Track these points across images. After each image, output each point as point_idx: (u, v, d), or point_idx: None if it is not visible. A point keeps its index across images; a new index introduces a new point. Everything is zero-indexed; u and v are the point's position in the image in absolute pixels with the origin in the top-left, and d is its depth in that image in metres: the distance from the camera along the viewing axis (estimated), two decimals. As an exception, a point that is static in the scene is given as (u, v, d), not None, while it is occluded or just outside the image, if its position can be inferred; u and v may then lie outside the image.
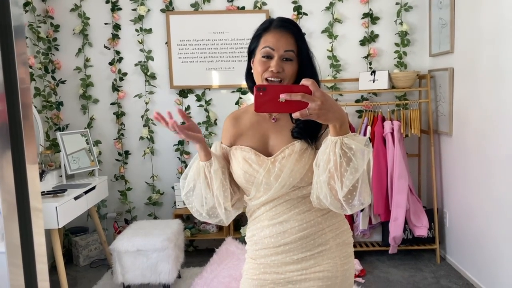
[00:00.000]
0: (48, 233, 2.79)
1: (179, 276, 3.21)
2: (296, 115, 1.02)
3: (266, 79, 1.25)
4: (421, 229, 3.38)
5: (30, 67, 3.36)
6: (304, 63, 1.27)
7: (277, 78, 1.24)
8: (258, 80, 1.28)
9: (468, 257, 3.13)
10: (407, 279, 3.16)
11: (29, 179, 0.65)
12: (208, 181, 1.30)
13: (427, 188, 3.77)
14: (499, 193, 2.69)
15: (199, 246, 3.86)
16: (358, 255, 3.49)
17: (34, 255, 0.66)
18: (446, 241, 3.49)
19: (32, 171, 0.67)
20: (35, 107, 3.32)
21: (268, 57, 1.25)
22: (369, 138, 1.46)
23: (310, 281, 1.28)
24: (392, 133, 3.37)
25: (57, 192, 2.84)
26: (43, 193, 2.82)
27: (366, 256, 3.57)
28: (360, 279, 3.14)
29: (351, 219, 3.49)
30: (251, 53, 1.32)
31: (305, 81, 1.02)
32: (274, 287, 1.30)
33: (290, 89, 1.03)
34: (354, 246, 1.40)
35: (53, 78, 3.68)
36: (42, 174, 2.99)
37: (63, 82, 3.69)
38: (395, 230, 3.31)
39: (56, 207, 2.64)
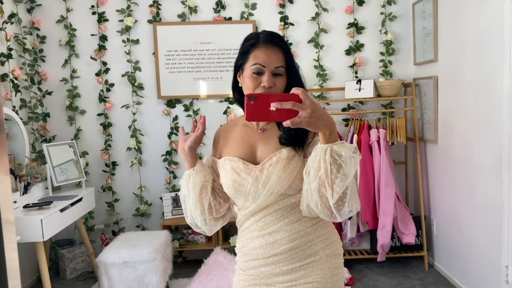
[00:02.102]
0: (33, 246, 2.75)
1: (167, 288, 3.19)
2: (287, 123, 1.03)
3: None
4: (409, 237, 3.40)
5: (16, 78, 3.34)
6: (291, 76, 1.30)
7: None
8: None
9: (456, 263, 3.14)
10: (395, 287, 3.17)
11: (0, 191, 0.65)
12: (189, 190, 1.33)
13: (414, 195, 3.79)
14: (485, 199, 2.72)
15: (188, 257, 3.84)
16: (347, 263, 3.47)
17: (6, 270, 0.65)
18: (434, 248, 3.51)
19: (4, 183, 0.66)
20: (21, 119, 3.29)
21: (259, 73, 1.26)
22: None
23: None
24: (378, 141, 3.40)
25: (42, 204, 2.81)
26: (28, 206, 2.79)
27: (355, 264, 3.58)
28: (349, 288, 3.14)
29: (339, 227, 3.50)
30: (238, 67, 1.33)
31: (295, 90, 1.04)
32: (264, 299, 1.30)
33: (280, 98, 1.05)
34: (343, 254, 1.41)
35: (40, 90, 3.66)
36: (27, 187, 2.96)
37: (49, 93, 3.67)
38: (383, 237, 3.32)
39: (41, 220, 2.61)
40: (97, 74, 3.69)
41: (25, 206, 2.78)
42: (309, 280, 1.27)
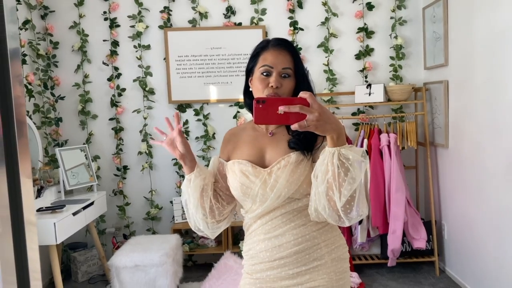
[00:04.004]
0: (46, 249, 2.79)
1: (177, 291, 3.20)
2: (294, 126, 1.04)
3: (267, 96, 1.28)
4: (420, 242, 3.37)
5: (30, 83, 3.39)
6: (300, 80, 1.31)
7: (276, 93, 1.28)
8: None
9: (468, 269, 3.12)
10: (406, 292, 3.15)
11: (23, 193, 0.67)
12: (190, 194, 1.35)
13: (425, 200, 3.77)
14: (497, 204, 2.69)
15: (198, 260, 3.85)
16: (357, 268, 3.48)
17: (28, 271, 0.67)
18: (445, 253, 3.48)
19: (26, 185, 0.68)
20: (34, 123, 3.35)
21: (267, 74, 1.29)
22: (366, 150, 1.50)
23: None
24: (388, 146, 3.39)
25: (55, 208, 2.85)
26: (41, 209, 2.82)
27: (365, 269, 3.56)
28: (359, 293, 3.13)
29: (349, 232, 3.49)
30: (249, 71, 1.36)
31: (303, 94, 1.05)
32: (270, 302, 1.31)
33: (288, 102, 1.06)
34: (353, 259, 1.42)
35: (52, 95, 3.72)
36: (40, 190, 3.00)
37: (62, 98, 3.72)
38: (394, 242, 3.30)
39: (55, 223, 2.64)
40: (109, 79, 3.74)
41: (39, 210, 2.82)
42: (315, 284, 1.27)
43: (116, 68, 3.74)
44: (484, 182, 2.82)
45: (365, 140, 3.46)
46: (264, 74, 1.29)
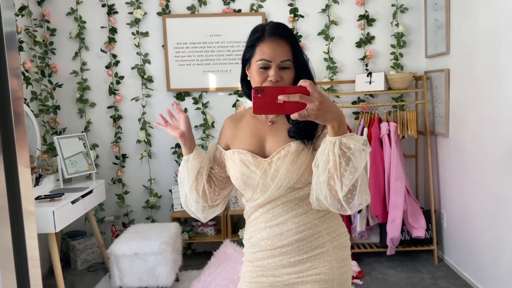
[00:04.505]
0: (46, 237, 2.78)
1: (177, 279, 3.21)
2: (294, 116, 1.02)
3: None
4: (419, 230, 3.38)
5: (27, 71, 3.36)
6: (300, 69, 1.28)
7: None
8: None
9: (466, 257, 3.13)
10: (405, 280, 3.16)
11: (21, 182, 0.66)
12: (185, 175, 1.35)
13: (424, 189, 3.77)
14: (496, 193, 2.69)
15: (197, 249, 3.86)
16: (356, 256, 3.49)
17: (27, 259, 0.66)
18: (444, 242, 3.50)
19: (24, 174, 0.67)
20: (32, 111, 3.32)
21: (266, 67, 1.25)
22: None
23: (306, 284, 1.28)
24: (388, 135, 3.38)
25: (54, 196, 2.84)
26: (40, 198, 2.81)
27: (364, 257, 3.57)
28: (358, 281, 3.14)
29: (348, 220, 3.49)
30: (246, 61, 1.32)
31: (302, 82, 1.03)
32: (271, 290, 1.30)
33: (288, 91, 1.03)
34: (352, 247, 1.42)
35: (50, 82, 3.68)
36: (39, 178, 2.99)
37: (60, 86, 3.69)
38: (393, 231, 3.31)
39: (53, 211, 2.63)
40: (107, 67, 3.70)
41: (37, 198, 2.81)
42: (316, 272, 1.27)
43: (114, 56, 3.70)
44: (484, 172, 2.82)
45: (365, 129, 3.44)
46: (262, 67, 1.25)
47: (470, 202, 3.03)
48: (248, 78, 1.32)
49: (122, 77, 3.72)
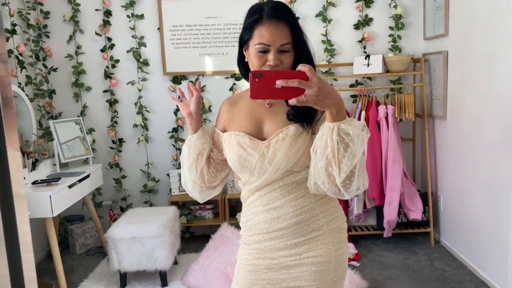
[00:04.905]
0: (43, 221, 2.79)
1: (175, 262, 3.23)
2: (292, 101, 1.01)
3: None
4: (416, 213, 3.40)
5: (21, 54, 3.32)
6: (300, 50, 1.25)
7: None
8: None
9: (462, 239, 3.15)
10: (401, 262, 3.19)
11: (11, 165, 0.64)
12: (186, 154, 1.35)
13: (422, 172, 3.78)
14: (493, 176, 2.70)
15: (196, 232, 3.88)
16: (353, 239, 3.51)
17: (18, 244, 0.65)
18: (440, 224, 3.52)
19: (14, 157, 0.66)
20: (27, 96, 3.29)
21: (265, 51, 1.21)
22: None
23: (303, 266, 1.28)
24: (386, 118, 3.37)
25: (50, 180, 2.83)
26: (36, 182, 2.81)
27: (361, 240, 3.60)
28: (355, 263, 3.17)
29: (345, 203, 3.50)
30: (243, 42, 1.28)
31: (302, 67, 1.01)
32: (268, 272, 1.31)
33: (286, 75, 1.01)
34: (349, 230, 1.42)
35: (45, 66, 3.64)
36: (35, 163, 2.98)
37: (54, 70, 3.65)
38: (390, 214, 3.32)
39: (50, 196, 2.63)
40: (102, 50, 3.66)
41: (34, 183, 2.80)
42: (313, 254, 1.28)
43: (109, 39, 3.66)
44: (481, 154, 2.82)
45: (363, 112, 3.43)
46: (261, 51, 1.21)
47: (467, 184, 3.03)
48: (246, 60, 1.29)
49: (117, 61, 3.68)
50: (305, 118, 1.24)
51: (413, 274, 3.00)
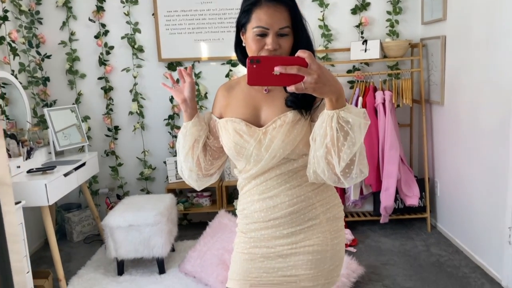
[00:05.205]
0: (39, 210, 2.78)
1: (173, 250, 3.24)
2: (291, 88, 0.98)
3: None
4: (412, 199, 3.40)
5: (13, 41, 3.27)
6: (299, 34, 1.22)
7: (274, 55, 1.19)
8: None
9: (458, 225, 3.16)
10: (398, 248, 3.21)
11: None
12: (182, 142, 1.33)
13: (419, 158, 3.78)
14: (489, 162, 2.69)
15: (193, 219, 3.88)
16: (350, 225, 3.52)
17: (4, 234, 0.64)
18: (437, 209, 3.53)
19: (-1, 147, 0.64)
20: (21, 83, 3.24)
21: (263, 35, 1.19)
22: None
23: (300, 255, 1.27)
24: (383, 104, 3.34)
25: (46, 169, 2.81)
26: (31, 171, 2.79)
27: (358, 226, 3.61)
28: (352, 249, 3.18)
29: (342, 190, 3.50)
30: (241, 26, 1.25)
31: (301, 53, 0.98)
32: (264, 261, 1.30)
33: (285, 62, 0.98)
34: (346, 216, 1.41)
35: (38, 53, 3.59)
36: (30, 152, 2.95)
37: (48, 57, 3.60)
38: (386, 200, 3.33)
39: (45, 184, 2.61)
40: (96, 37, 3.61)
41: (29, 171, 2.78)
42: (309, 243, 1.27)
43: (103, 25, 3.60)
44: (478, 140, 2.81)
45: (360, 98, 3.41)
46: (259, 35, 1.19)
47: (463, 170, 3.03)
48: (243, 44, 1.26)
49: (112, 47, 3.63)
50: (304, 105, 1.21)
51: (409, 260, 3.01)
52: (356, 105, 3.38)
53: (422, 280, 2.73)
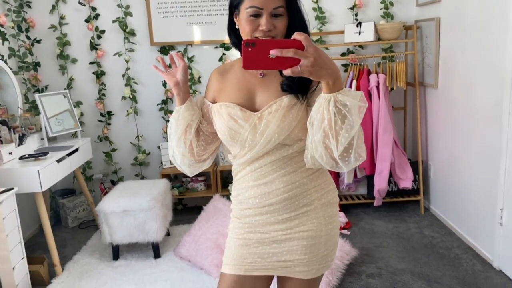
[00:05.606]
0: (33, 196, 2.77)
1: (168, 234, 3.25)
2: (287, 72, 0.97)
3: (257, 38, 1.18)
4: (406, 181, 3.42)
5: (2, 26, 3.21)
6: (293, 15, 1.20)
7: (268, 37, 1.17)
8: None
9: (451, 207, 3.19)
10: (391, 230, 3.24)
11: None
12: (174, 126, 1.30)
13: (412, 140, 3.79)
14: (482, 144, 2.70)
15: (188, 204, 3.89)
16: (343, 208, 3.55)
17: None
18: (430, 192, 3.55)
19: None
20: (11, 68, 3.20)
21: (257, 15, 1.16)
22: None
23: (294, 240, 1.28)
24: (377, 87, 3.33)
25: (38, 155, 2.79)
26: (24, 157, 2.77)
27: (352, 209, 3.64)
28: (345, 231, 3.21)
29: (336, 173, 3.51)
30: (234, 7, 1.23)
31: (297, 36, 0.96)
32: (259, 246, 1.30)
33: (281, 44, 0.96)
34: (340, 199, 1.41)
35: (28, 38, 3.53)
36: (22, 138, 2.93)
37: (38, 41, 3.55)
38: (380, 183, 3.34)
39: (38, 171, 2.60)
40: (87, 21, 3.55)
41: (21, 158, 2.77)
42: (304, 229, 1.27)
43: (93, 8, 3.54)
44: (472, 123, 2.82)
45: (354, 82, 3.39)
46: (253, 15, 1.16)
47: (457, 152, 3.05)
48: (237, 26, 1.24)
49: (103, 31, 3.58)
50: (300, 89, 1.19)
51: (402, 242, 3.04)
52: (350, 88, 3.37)
53: (414, 261, 2.76)
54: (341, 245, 2.79)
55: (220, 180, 3.62)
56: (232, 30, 1.27)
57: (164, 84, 3.66)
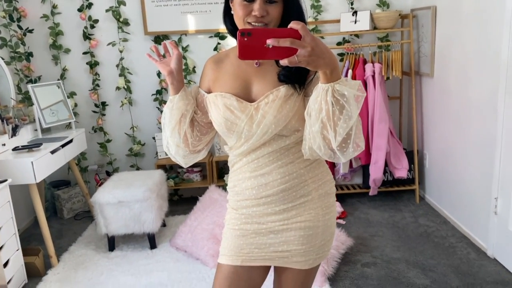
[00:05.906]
0: (27, 187, 2.75)
1: (164, 225, 3.25)
2: (284, 62, 0.95)
3: (249, 23, 1.16)
4: (401, 171, 3.43)
5: (-7, 15, 3.16)
6: (289, 3, 1.17)
7: (261, 23, 1.15)
8: (240, 25, 1.19)
9: (446, 196, 3.21)
10: (386, 219, 3.25)
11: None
12: (168, 116, 1.28)
13: (408, 130, 3.79)
14: (478, 133, 2.71)
15: (184, 194, 3.89)
16: (339, 197, 3.55)
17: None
18: (426, 181, 3.57)
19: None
20: (2, 59, 3.16)
21: (250, 0, 1.14)
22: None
23: (291, 231, 1.27)
24: (373, 76, 3.32)
25: (32, 146, 2.77)
26: (17, 148, 2.75)
27: (347, 198, 3.65)
28: (341, 221, 3.22)
29: (332, 163, 3.52)
30: None
31: (294, 25, 0.94)
32: (256, 236, 1.30)
33: (278, 34, 0.94)
34: (336, 189, 1.39)
35: (20, 27, 3.48)
36: (15, 129, 2.90)
37: (30, 31, 3.50)
38: (375, 172, 3.35)
39: (32, 162, 2.58)
40: (80, 10, 3.50)
41: (15, 149, 2.74)
42: (301, 219, 1.27)
43: (86, -3, 3.49)
44: (467, 112, 2.82)
45: (350, 71, 3.38)
46: (247, 0, 1.14)
47: (453, 141, 3.05)
48: (232, 12, 1.21)
49: (96, 21, 3.53)
50: (297, 79, 1.17)
51: (397, 231, 3.06)
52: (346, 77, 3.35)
53: (410, 250, 2.78)
54: (337, 235, 2.80)
55: (216, 170, 3.61)
56: (228, 16, 1.25)
57: (159, 74, 3.63)
